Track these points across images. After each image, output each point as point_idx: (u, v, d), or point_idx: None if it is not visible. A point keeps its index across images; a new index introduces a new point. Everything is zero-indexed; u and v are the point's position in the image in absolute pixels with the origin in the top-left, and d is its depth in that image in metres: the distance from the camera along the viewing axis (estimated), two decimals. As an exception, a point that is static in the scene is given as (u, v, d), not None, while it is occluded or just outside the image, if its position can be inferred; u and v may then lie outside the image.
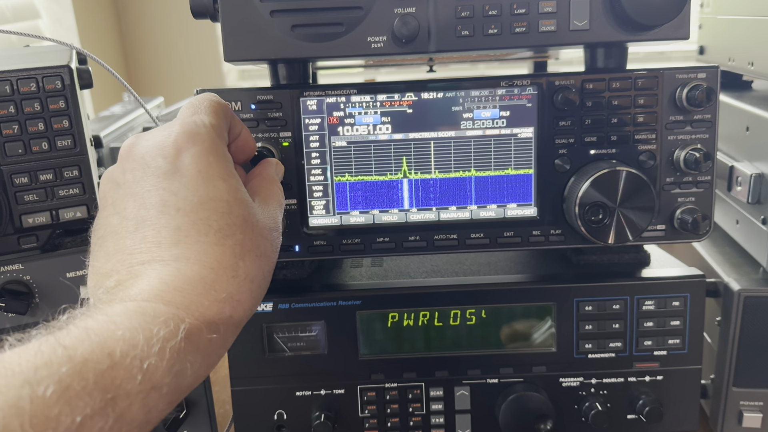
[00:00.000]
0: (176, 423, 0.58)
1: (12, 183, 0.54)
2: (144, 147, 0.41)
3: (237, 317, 0.38)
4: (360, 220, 0.58)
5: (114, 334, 0.32)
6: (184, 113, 0.43)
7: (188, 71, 1.71)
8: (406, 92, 0.55)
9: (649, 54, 1.64)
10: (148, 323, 0.33)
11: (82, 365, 0.29)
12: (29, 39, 0.64)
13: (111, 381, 0.30)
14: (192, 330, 0.35)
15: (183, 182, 0.39)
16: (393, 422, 0.61)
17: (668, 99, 0.54)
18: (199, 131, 0.41)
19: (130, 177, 0.40)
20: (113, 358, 0.31)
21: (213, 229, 0.39)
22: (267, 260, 0.42)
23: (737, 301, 0.59)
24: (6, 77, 0.53)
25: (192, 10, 0.52)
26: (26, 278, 0.56)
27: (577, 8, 0.51)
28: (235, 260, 0.39)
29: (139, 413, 0.31)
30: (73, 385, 0.29)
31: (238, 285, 0.38)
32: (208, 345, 0.36)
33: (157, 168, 0.40)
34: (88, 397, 0.29)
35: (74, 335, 0.31)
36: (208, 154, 0.40)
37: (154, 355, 0.32)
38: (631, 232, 0.53)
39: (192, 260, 0.37)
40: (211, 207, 0.39)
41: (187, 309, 0.35)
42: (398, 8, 0.51)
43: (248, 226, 0.40)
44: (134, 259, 0.38)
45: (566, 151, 0.55)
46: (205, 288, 0.37)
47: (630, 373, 0.60)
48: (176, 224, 0.38)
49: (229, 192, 0.40)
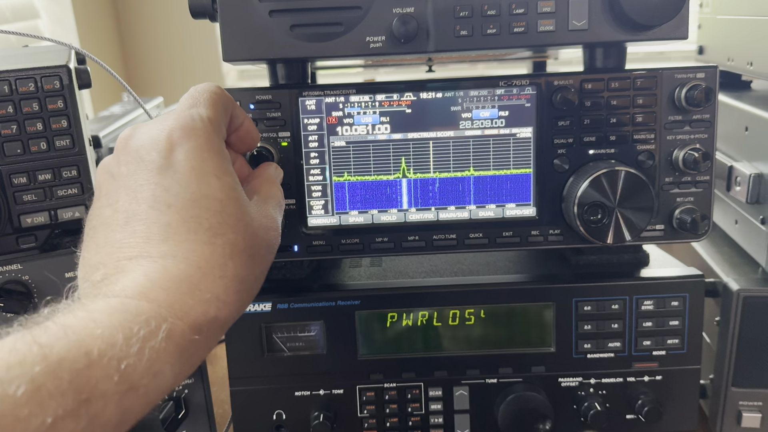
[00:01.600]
0: (175, 423, 0.58)
1: (11, 183, 0.54)
2: (139, 140, 0.40)
3: (222, 318, 0.38)
4: (359, 220, 0.58)
5: (93, 333, 0.31)
6: (183, 105, 0.42)
7: (187, 71, 1.71)
8: (405, 92, 0.55)
9: (648, 54, 1.64)
10: (129, 322, 0.32)
11: (57, 364, 0.29)
12: (28, 39, 0.64)
13: (86, 381, 0.29)
14: (174, 330, 0.34)
15: (176, 178, 0.38)
16: (392, 422, 0.61)
17: (667, 99, 0.54)
18: (195, 126, 0.40)
19: (125, 170, 0.40)
20: (90, 357, 0.30)
21: (204, 228, 0.38)
22: (260, 261, 0.41)
23: (736, 301, 0.59)
24: (5, 77, 0.53)
25: (191, 10, 0.52)
26: (25, 278, 0.56)
27: (576, 8, 0.51)
28: (225, 260, 0.38)
29: (115, 414, 0.31)
30: (46, 384, 0.28)
31: (225, 285, 0.38)
32: (191, 346, 0.35)
33: (151, 162, 0.39)
34: (61, 398, 0.28)
35: (51, 333, 0.30)
36: (202, 150, 0.40)
37: (133, 356, 0.31)
38: (630, 232, 0.53)
39: (179, 258, 0.37)
40: (204, 205, 0.38)
41: (170, 308, 0.35)
42: (397, 8, 0.51)
43: (241, 226, 0.40)
44: (122, 253, 0.37)
45: (565, 151, 0.55)
46: (190, 287, 0.36)
47: (629, 373, 0.60)
48: (166, 220, 0.38)
49: (223, 190, 0.40)
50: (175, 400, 0.59)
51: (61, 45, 0.58)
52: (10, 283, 0.56)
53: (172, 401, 0.59)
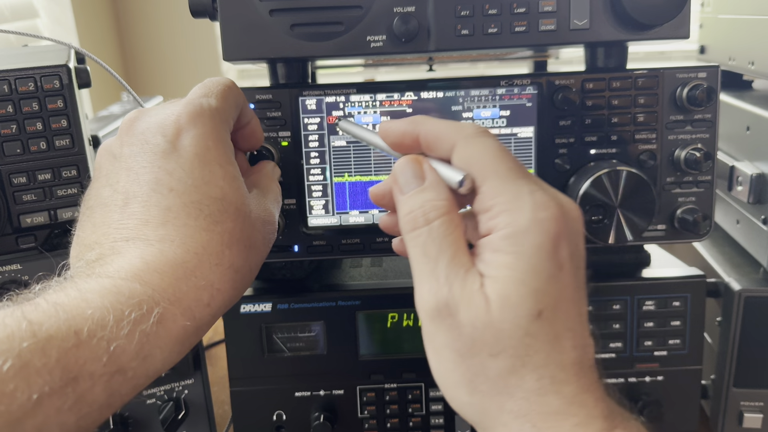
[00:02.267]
0: (175, 423, 0.58)
1: (10, 183, 0.54)
2: (145, 123, 0.40)
3: (215, 306, 0.37)
4: (359, 220, 0.57)
5: (83, 313, 0.31)
6: (194, 93, 0.42)
7: (187, 71, 1.71)
8: (406, 92, 0.55)
9: (650, 53, 1.64)
10: (120, 304, 0.32)
11: (46, 342, 0.29)
12: (28, 38, 0.64)
13: (74, 360, 0.29)
14: (166, 315, 0.34)
15: (179, 163, 0.38)
16: (392, 423, 0.61)
17: (668, 98, 0.54)
18: (203, 113, 0.40)
19: (128, 151, 0.40)
20: (79, 336, 0.30)
21: (204, 214, 0.38)
22: (256, 252, 0.41)
23: (738, 301, 0.58)
24: (4, 77, 0.53)
25: (191, 9, 0.52)
26: (25, 278, 0.56)
27: (577, 7, 0.51)
28: (222, 248, 0.38)
29: (101, 395, 0.31)
30: (33, 361, 0.28)
31: (220, 273, 0.38)
32: (182, 332, 0.35)
33: (156, 146, 0.39)
34: (48, 375, 0.28)
35: (42, 310, 0.30)
36: (208, 138, 0.40)
37: (123, 338, 0.31)
38: (631, 232, 0.53)
39: (177, 243, 0.36)
40: (205, 191, 0.38)
41: (163, 292, 0.35)
42: (398, 7, 0.51)
43: (240, 216, 0.40)
44: (119, 234, 0.37)
45: (566, 150, 0.55)
46: (185, 273, 0.36)
47: (630, 373, 0.60)
48: (167, 204, 0.37)
49: (225, 179, 0.40)
50: (175, 400, 0.59)
51: (61, 44, 0.58)
52: (9, 283, 0.56)
53: (172, 401, 0.59)
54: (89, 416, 0.31)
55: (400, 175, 0.38)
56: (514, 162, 0.36)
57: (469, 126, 0.38)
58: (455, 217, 0.36)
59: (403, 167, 0.38)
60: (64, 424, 0.29)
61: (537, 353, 0.33)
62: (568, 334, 0.33)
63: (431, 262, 0.35)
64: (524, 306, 0.32)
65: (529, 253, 0.33)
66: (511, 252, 0.33)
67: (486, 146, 0.36)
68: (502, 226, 0.34)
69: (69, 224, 0.57)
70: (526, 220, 0.33)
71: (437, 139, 0.38)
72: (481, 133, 0.37)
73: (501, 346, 0.33)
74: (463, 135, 0.37)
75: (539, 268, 0.33)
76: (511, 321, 0.32)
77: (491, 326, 0.33)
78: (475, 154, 0.36)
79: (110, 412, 0.32)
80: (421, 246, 0.35)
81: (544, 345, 0.33)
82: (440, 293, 0.34)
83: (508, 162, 0.35)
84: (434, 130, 0.38)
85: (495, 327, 0.33)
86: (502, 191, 0.34)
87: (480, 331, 0.33)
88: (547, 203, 0.34)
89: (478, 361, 0.33)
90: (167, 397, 0.59)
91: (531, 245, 0.33)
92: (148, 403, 0.58)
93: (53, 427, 0.29)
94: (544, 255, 0.33)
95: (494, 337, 0.33)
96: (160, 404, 0.59)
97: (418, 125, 0.39)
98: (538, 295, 0.33)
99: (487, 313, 0.33)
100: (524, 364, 0.33)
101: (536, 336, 0.33)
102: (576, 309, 0.34)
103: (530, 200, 0.34)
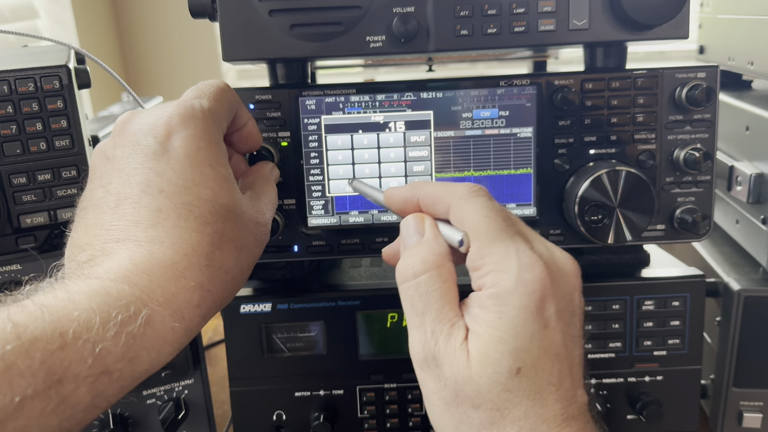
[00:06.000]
0: (175, 423, 0.58)
1: (10, 183, 0.54)
2: (137, 124, 0.40)
3: (205, 307, 0.37)
4: (359, 220, 0.57)
5: (70, 314, 0.31)
6: (186, 95, 0.43)
7: (187, 71, 1.71)
8: (406, 92, 0.55)
9: (649, 53, 1.64)
10: (108, 305, 0.32)
11: (30, 344, 0.29)
12: (27, 39, 0.64)
13: (59, 362, 0.29)
14: (154, 316, 0.34)
15: (170, 164, 0.38)
16: (392, 423, 0.61)
17: (668, 98, 0.54)
18: (194, 115, 0.40)
19: (120, 153, 0.40)
20: (65, 338, 0.30)
21: (194, 215, 0.38)
22: (247, 254, 0.41)
23: (737, 301, 0.59)
24: (4, 77, 0.53)
25: (190, 9, 0.52)
26: (25, 279, 0.56)
27: (577, 7, 0.51)
28: (212, 249, 0.38)
29: (86, 397, 0.31)
30: (17, 363, 0.28)
31: (210, 275, 0.38)
32: (170, 333, 0.35)
33: (147, 147, 0.39)
34: (31, 377, 0.28)
35: (28, 312, 0.30)
36: (199, 139, 0.40)
37: (109, 339, 0.31)
38: (630, 232, 0.53)
39: (167, 244, 0.36)
40: (196, 193, 0.38)
41: (152, 293, 0.35)
42: (397, 7, 0.51)
43: (231, 217, 0.40)
44: (110, 235, 0.37)
45: (566, 150, 0.55)
46: (174, 274, 0.36)
47: (630, 373, 0.60)
48: (157, 205, 0.37)
49: (216, 180, 0.40)
50: (175, 400, 0.59)
51: (61, 45, 0.58)
52: (9, 284, 0.56)
53: (172, 401, 0.59)
54: (73, 418, 0.31)
55: (403, 230, 0.41)
56: (504, 221, 0.38)
57: (461, 187, 0.40)
58: (444, 271, 0.38)
59: (407, 223, 0.41)
60: (46, 426, 0.29)
61: (516, 407, 0.34)
62: (551, 389, 0.35)
63: (419, 316, 0.37)
64: (502, 363, 0.34)
65: (512, 313, 0.35)
66: (496, 311, 0.35)
67: (476, 207, 0.38)
68: (489, 285, 0.36)
69: (69, 224, 0.57)
70: (511, 282, 0.35)
71: (434, 202, 0.40)
72: (473, 193, 0.39)
73: (481, 400, 0.34)
74: (456, 197, 0.39)
75: (521, 327, 0.35)
76: (489, 377, 0.34)
77: (471, 381, 0.35)
78: (467, 215, 0.38)
79: (96, 414, 0.32)
80: (409, 300, 0.38)
81: (523, 399, 0.34)
82: (427, 346, 0.36)
83: (498, 222, 0.37)
84: (431, 193, 0.41)
85: (474, 382, 0.34)
86: (490, 252, 0.36)
87: (461, 385, 0.35)
88: (533, 264, 0.35)
89: (462, 410, 0.35)
90: (167, 397, 0.59)
91: (514, 306, 0.35)
92: (148, 403, 0.59)
93: (34, 429, 0.29)
94: (528, 315, 0.35)
95: (474, 391, 0.35)
96: (160, 404, 0.59)
97: (417, 190, 0.41)
98: (518, 353, 0.34)
99: (467, 369, 0.35)
100: (503, 417, 0.34)
101: (515, 391, 0.34)
102: (562, 363, 0.36)
103: (516, 261, 0.35)
